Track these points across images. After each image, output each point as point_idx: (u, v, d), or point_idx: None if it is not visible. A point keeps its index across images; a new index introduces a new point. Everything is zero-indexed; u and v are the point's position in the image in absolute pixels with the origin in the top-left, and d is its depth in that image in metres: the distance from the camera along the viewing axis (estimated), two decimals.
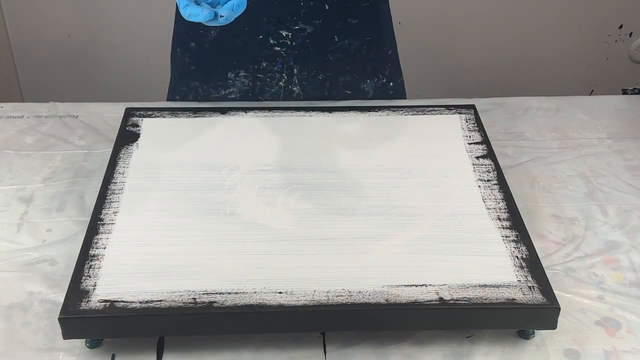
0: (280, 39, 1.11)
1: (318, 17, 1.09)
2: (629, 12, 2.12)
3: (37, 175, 1.00)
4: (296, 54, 1.12)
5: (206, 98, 1.17)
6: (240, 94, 1.16)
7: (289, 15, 1.08)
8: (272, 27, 1.09)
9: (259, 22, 1.09)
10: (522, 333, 0.78)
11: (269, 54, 1.12)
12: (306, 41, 1.11)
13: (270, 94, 1.16)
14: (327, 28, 1.11)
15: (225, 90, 1.16)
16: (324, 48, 1.13)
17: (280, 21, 1.09)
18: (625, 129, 1.13)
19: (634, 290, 0.85)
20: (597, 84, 2.20)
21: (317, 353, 0.76)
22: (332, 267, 0.78)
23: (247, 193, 0.89)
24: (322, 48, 1.13)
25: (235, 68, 1.14)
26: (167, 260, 0.79)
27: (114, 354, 0.76)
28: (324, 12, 1.09)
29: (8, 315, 0.80)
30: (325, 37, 1.12)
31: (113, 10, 2.04)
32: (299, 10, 1.08)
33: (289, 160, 0.95)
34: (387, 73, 1.19)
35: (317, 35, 1.11)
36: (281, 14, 1.08)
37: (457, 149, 0.98)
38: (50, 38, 2.09)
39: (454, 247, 0.81)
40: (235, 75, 1.14)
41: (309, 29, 1.10)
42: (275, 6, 1.06)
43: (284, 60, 1.13)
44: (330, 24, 1.11)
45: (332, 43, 1.12)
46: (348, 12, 1.11)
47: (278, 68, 1.13)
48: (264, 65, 1.13)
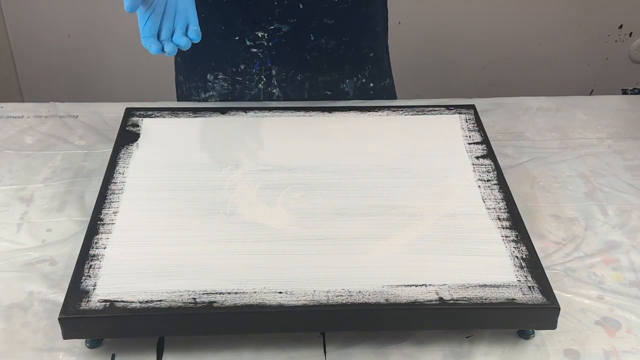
0: (256, 40, 1.10)
1: (292, 16, 1.09)
2: (629, 12, 2.12)
3: (37, 175, 1.00)
4: (273, 55, 1.12)
5: (188, 99, 1.18)
6: (220, 97, 1.16)
7: (264, 15, 1.08)
8: (248, 28, 1.09)
9: (234, 23, 1.09)
10: (522, 333, 0.78)
11: (246, 56, 1.12)
12: (282, 40, 1.11)
13: (250, 97, 1.16)
14: (303, 27, 1.10)
15: (206, 94, 1.17)
16: (300, 47, 1.12)
17: (255, 21, 1.08)
18: (625, 129, 1.13)
19: (634, 290, 0.85)
20: (597, 84, 2.20)
21: (317, 353, 0.76)
22: (332, 267, 0.78)
23: (247, 193, 0.89)
24: (298, 47, 1.12)
25: (213, 70, 1.14)
26: (167, 260, 0.79)
27: (114, 354, 0.76)
28: (298, 10, 1.08)
29: (8, 315, 0.80)
30: (300, 35, 1.11)
31: (113, 10, 2.04)
32: (274, 10, 1.07)
33: (289, 160, 0.95)
34: (367, 74, 1.18)
35: (293, 34, 1.10)
36: (255, 14, 1.07)
37: (457, 149, 0.98)
38: (50, 38, 2.09)
39: (454, 247, 0.81)
40: (214, 77, 1.14)
41: (284, 28, 1.09)
42: (250, 6, 1.06)
43: (261, 62, 1.12)
44: (306, 23, 1.10)
45: (309, 42, 1.11)
46: (324, 12, 1.10)
47: (256, 70, 1.13)
48: (242, 68, 1.13)
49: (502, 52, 2.13)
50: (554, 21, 2.07)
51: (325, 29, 1.11)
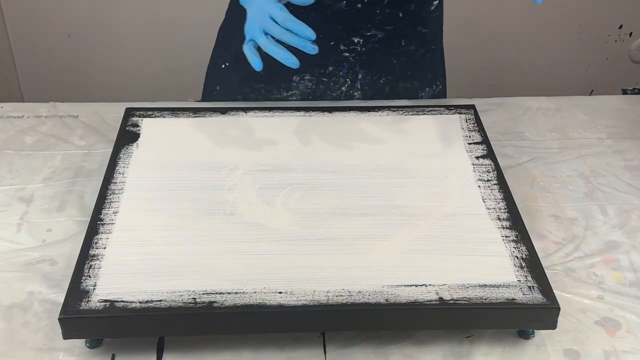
0: (351, 45, 1.12)
1: (390, 24, 1.10)
2: (629, 12, 2.12)
3: (37, 175, 1.00)
4: (363, 59, 1.14)
5: (267, 98, 1.18)
6: (302, 96, 1.17)
7: (364, 23, 1.09)
8: (346, 34, 1.10)
9: (333, 30, 1.10)
10: (522, 333, 0.78)
11: (337, 59, 1.13)
12: (375, 46, 1.12)
13: (331, 97, 1.17)
14: (397, 34, 1.12)
15: (288, 92, 1.17)
16: (389, 51, 1.14)
17: (354, 28, 1.10)
18: (625, 129, 1.13)
19: (634, 290, 0.85)
20: (597, 84, 2.20)
21: (317, 353, 0.76)
22: (332, 267, 0.78)
23: (247, 193, 0.89)
24: (388, 51, 1.14)
25: (301, 72, 1.15)
26: (167, 260, 0.79)
27: (114, 354, 0.76)
28: (397, 19, 1.10)
29: (8, 315, 0.80)
30: (393, 41, 1.13)
31: (113, 10, 2.04)
32: (374, 18, 1.09)
33: (289, 160, 0.95)
34: (439, 81, 1.20)
35: (386, 40, 1.12)
36: (357, 21, 1.09)
37: (457, 149, 0.98)
38: (50, 38, 2.09)
39: (454, 247, 0.81)
40: (301, 78, 1.16)
41: (379, 34, 1.11)
42: (353, 15, 1.07)
43: (350, 65, 1.14)
44: (401, 30, 1.12)
45: (399, 47, 1.13)
46: (420, 20, 1.12)
47: (343, 73, 1.15)
48: (330, 70, 1.14)
49: (502, 52, 2.13)
50: (554, 21, 2.07)
51: (417, 36, 1.13)
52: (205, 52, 2.23)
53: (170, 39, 2.08)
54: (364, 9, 1.07)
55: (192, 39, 2.09)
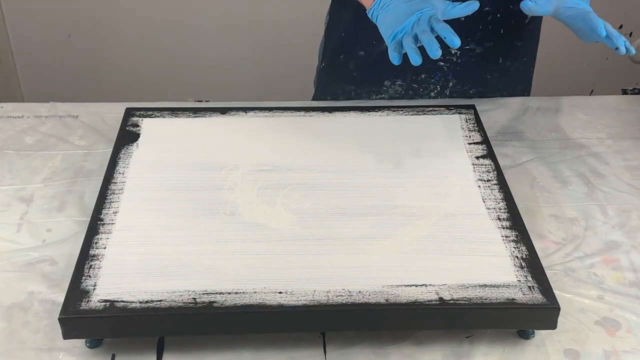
0: (447, 55, 1.12)
1: (491, 40, 1.11)
2: (629, 12, 2.12)
3: (37, 175, 1.00)
4: (457, 70, 1.14)
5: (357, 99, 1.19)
6: (390, 99, 1.18)
7: (464, 37, 1.09)
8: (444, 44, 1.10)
9: None
10: (522, 333, 0.78)
11: (431, 67, 1.14)
12: (472, 60, 1.13)
13: None
14: (496, 50, 1.13)
15: (377, 96, 1.18)
16: (486, 67, 1.15)
17: None
18: (625, 129, 1.13)
19: (634, 290, 0.85)
20: (597, 84, 2.19)
21: (317, 353, 0.76)
22: (332, 267, 0.78)
23: (247, 193, 0.89)
24: (484, 66, 1.14)
25: (394, 77, 1.16)
26: (167, 260, 0.79)
27: (114, 354, 0.76)
28: (498, 35, 1.10)
29: (8, 315, 0.80)
30: (491, 58, 1.13)
31: (113, 10, 2.04)
32: (476, 33, 1.09)
33: (289, 160, 0.95)
34: (527, 89, 1.21)
35: (484, 56, 1.13)
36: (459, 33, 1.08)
37: (457, 149, 0.98)
38: (50, 38, 2.09)
39: (454, 247, 0.81)
40: (392, 83, 1.16)
41: (478, 49, 1.12)
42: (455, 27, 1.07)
43: (443, 74, 1.14)
44: (500, 46, 1.12)
45: (496, 64, 1.14)
46: (517, 34, 1.13)
47: (435, 80, 1.15)
48: (423, 77, 1.15)
49: None
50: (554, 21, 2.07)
51: (514, 51, 1.14)
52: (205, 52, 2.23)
53: (170, 39, 2.08)
54: (466, 23, 1.07)
55: (192, 39, 2.09)
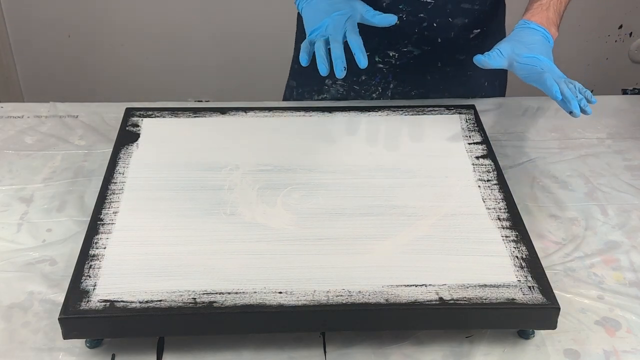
0: (386, 57, 1.13)
1: (428, 45, 1.11)
2: (629, 12, 2.12)
3: (37, 175, 1.00)
4: (397, 72, 1.14)
5: (301, 98, 1.21)
6: (333, 99, 1.19)
7: (401, 39, 1.10)
8: (382, 47, 1.10)
9: (370, 41, 1.10)
10: (522, 333, 0.78)
11: (371, 69, 1.14)
12: (410, 62, 1.13)
13: None
14: (434, 55, 1.13)
15: (319, 96, 1.19)
16: (425, 69, 1.15)
17: (390, 43, 1.11)
18: (625, 129, 1.13)
19: (634, 290, 0.85)
20: (597, 84, 2.19)
21: (317, 353, 0.76)
22: (332, 267, 0.78)
23: (247, 193, 0.89)
24: (423, 68, 1.14)
25: (334, 77, 1.15)
26: (167, 260, 0.79)
27: (114, 354, 0.76)
28: (435, 42, 1.11)
29: (8, 315, 0.80)
30: (430, 61, 1.13)
31: (113, 10, 2.04)
32: (412, 36, 1.10)
33: (289, 160, 0.95)
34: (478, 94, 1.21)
35: (423, 58, 1.13)
36: (394, 36, 1.09)
37: (457, 149, 0.98)
38: (50, 38, 2.09)
39: (454, 247, 0.81)
40: (333, 82, 1.17)
41: (416, 52, 1.12)
42: (390, 30, 1.07)
43: (383, 76, 1.15)
44: (439, 53, 1.12)
45: (435, 67, 1.14)
46: (458, 47, 1.12)
47: (376, 82, 1.16)
48: (363, 79, 1.15)
49: None
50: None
51: (455, 62, 1.14)
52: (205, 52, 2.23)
53: (170, 39, 2.08)
54: (402, 25, 1.08)
55: (192, 39, 2.09)
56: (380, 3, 1.05)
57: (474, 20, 1.10)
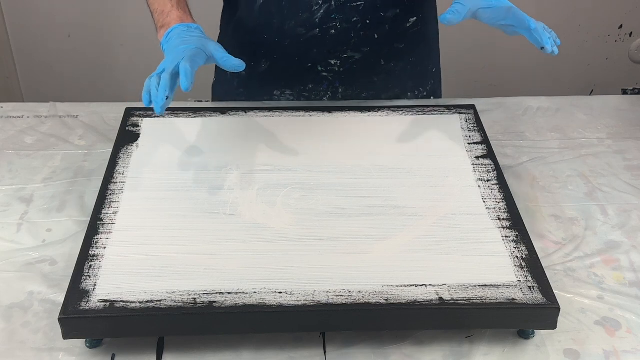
0: (328, 66, 1.13)
1: (367, 45, 1.11)
2: (629, 12, 2.12)
3: (37, 175, 1.00)
4: (342, 78, 1.14)
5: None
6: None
7: (340, 46, 1.10)
8: (322, 57, 1.11)
9: (309, 54, 1.11)
10: (522, 333, 0.78)
11: (316, 78, 1.14)
12: (353, 67, 1.13)
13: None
14: (375, 54, 1.13)
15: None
16: (370, 71, 1.15)
17: (330, 52, 1.11)
18: (625, 129, 1.13)
19: (634, 290, 0.85)
20: (597, 84, 2.20)
21: (317, 353, 0.76)
22: (332, 267, 0.78)
23: (247, 193, 0.89)
24: (368, 72, 1.14)
25: (282, 87, 1.16)
26: (167, 260, 0.79)
27: (114, 354, 0.76)
28: (372, 40, 1.10)
29: (8, 315, 0.80)
30: (372, 61, 1.13)
31: (113, 10, 2.04)
32: (350, 41, 1.10)
33: (289, 160, 0.95)
34: (428, 88, 1.20)
35: (365, 60, 1.13)
36: (332, 44, 1.09)
37: (457, 149, 0.98)
38: (50, 38, 2.09)
39: (454, 247, 0.81)
40: (281, 92, 1.17)
41: (357, 56, 1.12)
42: (327, 39, 1.08)
43: (330, 83, 1.15)
44: (378, 50, 1.12)
45: (379, 66, 1.14)
46: (395, 37, 1.12)
47: (323, 88, 1.16)
48: (310, 87, 1.16)
49: (503, 52, 2.13)
50: (553, 21, 2.07)
51: (395, 53, 1.14)
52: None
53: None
54: (338, 34, 1.08)
55: None
56: (314, 19, 1.06)
57: (405, 8, 1.10)
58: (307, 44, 1.09)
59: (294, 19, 1.07)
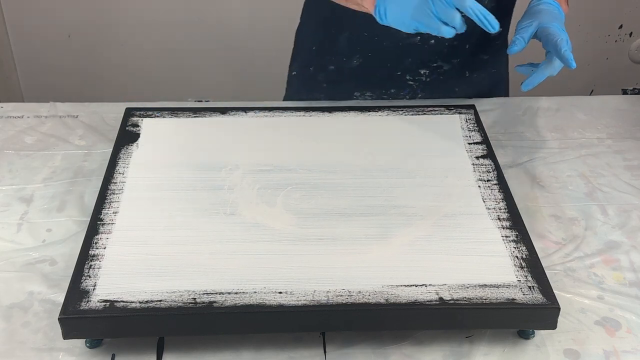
0: (417, 75, 1.13)
1: (457, 57, 1.12)
2: (629, 12, 2.12)
3: (37, 175, 1.00)
4: (425, 87, 1.15)
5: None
6: None
7: (433, 56, 1.11)
8: (415, 66, 1.11)
9: (403, 62, 1.11)
10: (522, 333, 0.78)
11: (402, 85, 1.15)
12: (440, 77, 1.14)
13: None
14: (462, 65, 1.13)
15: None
16: (454, 81, 1.15)
17: (423, 61, 1.11)
18: (625, 129, 1.13)
19: (634, 290, 0.85)
20: (597, 84, 2.19)
21: (317, 353, 0.76)
22: (332, 267, 0.78)
23: (247, 193, 0.89)
24: (452, 81, 1.15)
25: (363, 89, 1.16)
26: (167, 260, 0.79)
27: (114, 354, 0.76)
28: (464, 51, 1.11)
29: (8, 315, 0.80)
30: (458, 72, 1.14)
31: (113, 10, 2.04)
32: (443, 51, 1.10)
33: (289, 160, 0.95)
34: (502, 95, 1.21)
35: (452, 71, 1.13)
36: (427, 55, 1.10)
37: (457, 149, 0.98)
38: (50, 38, 2.09)
39: (454, 247, 0.81)
40: (361, 94, 1.17)
41: (445, 66, 1.12)
42: (425, 48, 1.08)
43: (411, 90, 1.15)
44: (466, 61, 1.13)
45: (463, 77, 1.15)
46: (483, 49, 1.13)
47: (404, 93, 1.16)
48: (392, 92, 1.16)
49: None
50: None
51: (480, 64, 1.15)
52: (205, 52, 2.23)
53: (170, 39, 2.08)
54: (436, 44, 1.08)
55: (192, 38, 2.09)
56: None
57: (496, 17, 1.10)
58: (403, 50, 1.09)
59: None
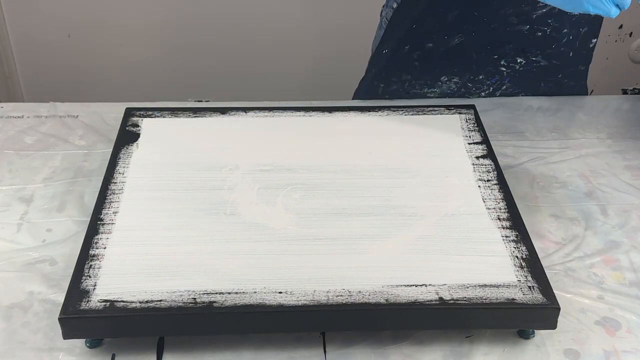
0: (512, 63, 1.12)
1: (559, 59, 1.11)
2: (629, 12, 2.12)
3: (37, 175, 1.00)
4: (515, 76, 1.14)
5: (406, 92, 1.18)
6: (441, 95, 1.17)
7: (535, 49, 1.10)
8: (514, 53, 1.10)
9: (503, 47, 1.10)
10: (522, 333, 0.78)
11: (492, 70, 1.13)
12: (533, 70, 1.13)
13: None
14: (558, 68, 1.13)
15: (429, 89, 1.17)
16: (543, 80, 1.14)
17: (523, 50, 1.10)
18: (625, 129, 1.13)
19: (634, 290, 0.85)
20: (597, 84, 2.19)
21: (317, 353, 0.76)
22: (332, 267, 0.78)
23: (247, 193, 0.89)
24: (541, 79, 1.14)
25: (452, 74, 1.15)
26: (167, 260, 0.79)
27: (114, 354, 0.76)
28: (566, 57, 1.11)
29: (8, 315, 0.80)
30: (551, 72, 1.13)
31: (113, 10, 2.04)
32: (547, 49, 1.10)
33: (289, 160, 0.95)
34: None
35: (546, 70, 1.12)
36: (530, 46, 1.09)
37: (457, 149, 0.98)
38: (50, 38, 2.09)
39: (454, 247, 0.81)
40: (448, 79, 1.16)
41: (543, 62, 1.12)
42: (530, 39, 1.07)
43: (501, 78, 1.14)
44: (564, 66, 1.13)
45: (554, 79, 1.14)
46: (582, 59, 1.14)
47: (491, 82, 1.15)
48: (480, 78, 1.15)
49: None
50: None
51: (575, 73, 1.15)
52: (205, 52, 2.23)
53: (170, 39, 2.08)
54: (543, 37, 1.07)
55: (192, 39, 2.09)
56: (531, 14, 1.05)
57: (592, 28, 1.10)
58: (509, 35, 1.07)
59: (514, 7, 1.05)
